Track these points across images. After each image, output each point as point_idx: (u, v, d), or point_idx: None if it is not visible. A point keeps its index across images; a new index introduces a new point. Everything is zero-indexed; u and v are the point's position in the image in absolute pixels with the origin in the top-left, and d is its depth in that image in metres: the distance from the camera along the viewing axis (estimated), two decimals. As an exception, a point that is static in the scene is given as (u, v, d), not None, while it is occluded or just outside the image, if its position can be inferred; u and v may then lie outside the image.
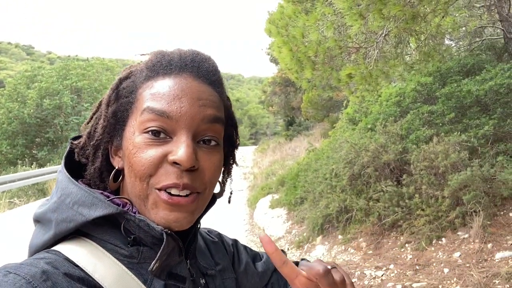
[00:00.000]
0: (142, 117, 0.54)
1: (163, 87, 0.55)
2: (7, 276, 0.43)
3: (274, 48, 4.28)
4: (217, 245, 0.75)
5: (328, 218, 4.74)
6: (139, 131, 0.54)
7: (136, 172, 0.53)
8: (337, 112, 13.58)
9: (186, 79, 0.56)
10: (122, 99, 0.58)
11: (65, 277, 0.46)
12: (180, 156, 0.51)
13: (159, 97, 0.54)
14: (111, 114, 0.58)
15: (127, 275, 0.52)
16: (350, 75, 3.61)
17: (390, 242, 3.95)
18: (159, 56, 0.58)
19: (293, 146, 14.48)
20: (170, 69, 0.56)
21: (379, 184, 4.44)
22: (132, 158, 0.53)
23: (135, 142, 0.54)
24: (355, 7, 3.00)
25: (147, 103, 0.54)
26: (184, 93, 0.55)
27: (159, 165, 0.53)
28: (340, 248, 4.31)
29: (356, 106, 7.86)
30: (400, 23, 3.27)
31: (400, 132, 4.98)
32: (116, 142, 0.58)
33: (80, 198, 0.52)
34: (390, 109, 5.84)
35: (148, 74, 0.57)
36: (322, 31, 3.49)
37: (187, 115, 0.54)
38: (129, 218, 0.52)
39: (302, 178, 6.26)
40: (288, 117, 21.12)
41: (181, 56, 0.58)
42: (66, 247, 0.52)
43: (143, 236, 0.53)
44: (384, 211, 4.10)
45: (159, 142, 0.53)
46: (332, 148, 6.10)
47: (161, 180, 0.52)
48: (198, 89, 0.56)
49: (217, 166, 0.57)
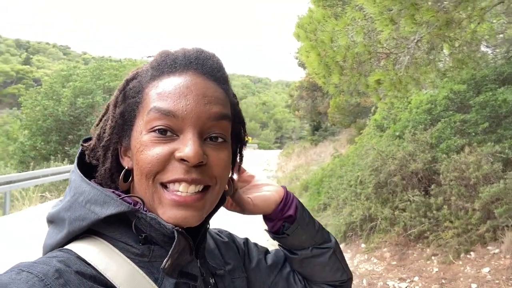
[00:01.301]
0: (149, 117, 0.54)
1: (169, 86, 0.55)
2: (20, 274, 0.44)
3: (302, 53, 4.26)
4: (227, 245, 0.75)
5: (351, 225, 4.66)
6: (146, 130, 0.54)
7: (142, 169, 0.53)
8: (365, 118, 13.35)
9: (191, 77, 0.56)
10: (129, 99, 0.58)
11: (77, 275, 0.47)
12: (187, 152, 0.52)
13: (165, 96, 0.55)
14: (118, 115, 0.58)
15: (138, 274, 0.52)
16: (379, 81, 3.54)
17: (415, 254, 3.83)
18: (164, 56, 0.59)
19: (318, 151, 14.34)
20: (175, 68, 0.57)
21: (405, 194, 4.32)
22: (139, 156, 0.54)
23: (142, 140, 0.54)
24: (386, 12, 2.94)
25: (153, 103, 0.55)
26: (189, 90, 0.55)
27: (166, 162, 0.53)
28: (363, 257, 4.22)
29: (385, 112, 7.69)
30: (433, 29, 3.18)
31: (430, 141, 4.83)
32: (125, 143, 0.59)
33: (93, 197, 0.53)
34: (420, 117, 5.68)
35: (154, 74, 0.58)
36: (352, 36, 3.44)
37: (193, 113, 0.54)
38: (140, 216, 0.53)
39: (326, 184, 6.19)
40: (314, 122, 20.94)
41: (185, 55, 0.58)
42: (78, 245, 0.52)
43: (154, 234, 0.54)
44: (410, 221, 3.98)
45: (166, 140, 0.54)
46: (358, 154, 6.00)
47: (168, 175, 0.53)
48: (203, 86, 0.56)
49: (225, 162, 0.57)
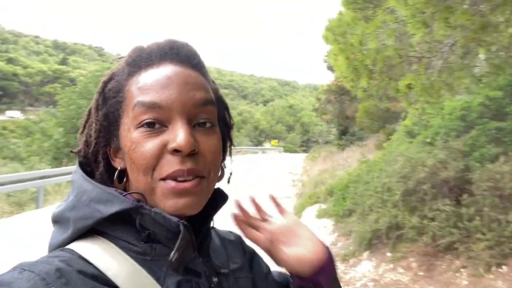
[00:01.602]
0: (134, 113, 0.54)
1: (149, 79, 0.55)
2: (22, 274, 0.45)
3: (331, 56, 4.21)
4: (235, 244, 0.75)
5: (377, 233, 4.54)
6: (134, 126, 0.54)
7: (139, 166, 0.53)
8: (394, 123, 13.03)
9: (169, 67, 0.56)
10: (110, 100, 0.58)
11: (79, 274, 0.47)
12: (179, 142, 0.51)
13: (147, 90, 0.54)
14: (102, 117, 0.58)
15: (140, 273, 0.52)
16: (409, 85, 3.44)
17: (444, 265, 3.69)
18: (138, 51, 0.58)
19: (344, 156, 14.11)
20: (151, 60, 0.57)
21: (435, 202, 4.17)
22: (132, 154, 0.54)
23: (132, 138, 0.54)
24: (419, 14, 2.86)
25: (136, 98, 0.54)
26: (170, 80, 0.55)
27: (160, 156, 0.53)
28: (388, 266, 4.11)
29: (415, 118, 7.47)
30: (468, 32, 3.06)
31: (463, 149, 4.65)
32: (114, 144, 0.59)
33: (96, 195, 0.53)
34: (453, 123, 5.48)
35: (131, 70, 0.57)
36: (382, 39, 3.37)
37: (178, 101, 0.54)
38: (144, 212, 0.52)
39: (352, 190, 6.07)
40: (342, 126, 20.65)
41: (159, 46, 0.58)
42: (80, 245, 0.52)
43: (158, 231, 0.53)
44: (439, 231, 3.84)
45: (156, 133, 0.53)
46: (386, 160, 5.85)
47: (164, 170, 0.53)
48: (183, 74, 0.56)
49: (216, 147, 0.57)
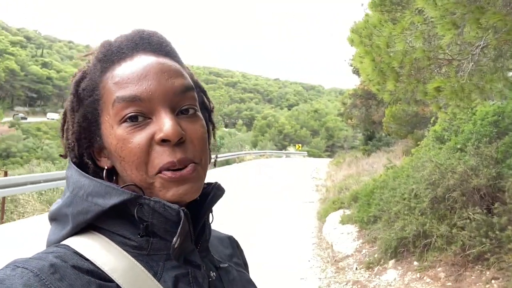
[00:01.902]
0: (115, 109, 0.53)
1: (124, 72, 0.54)
2: (15, 270, 0.44)
3: (356, 58, 4.14)
4: (232, 243, 0.75)
5: (403, 241, 4.41)
6: (117, 123, 0.53)
7: (131, 163, 0.52)
8: (423, 129, 12.66)
9: (142, 57, 0.55)
10: (86, 100, 0.56)
11: (74, 269, 0.46)
12: (166, 131, 0.51)
13: (125, 84, 0.53)
14: (81, 118, 0.56)
15: (137, 267, 0.51)
16: (438, 88, 3.33)
17: (473, 276, 3.53)
18: (107, 46, 0.57)
19: (370, 161, 13.84)
20: (123, 53, 0.55)
21: (465, 211, 4.01)
22: (121, 152, 0.53)
23: (117, 135, 0.53)
24: (448, 15, 2.76)
25: (115, 94, 0.53)
26: (147, 71, 0.53)
27: (149, 149, 0.52)
28: (415, 275, 3.98)
29: (446, 123, 7.24)
30: (501, 34, 2.93)
31: (495, 155, 4.46)
32: (97, 144, 0.57)
33: (93, 189, 0.52)
34: (485, 129, 5.27)
35: (103, 66, 0.56)
36: (410, 41, 3.28)
37: (158, 92, 0.53)
38: (143, 202, 0.52)
39: (378, 196, 5.93)
40: (368, 131, 20.26)
41: (128, 38, 0.57)
42: (75, 240, 0.52)
43: (156, 222, 0.52)
44: (469, 240, 3.69)
45: (140, 126, 0.52)
46: (414, 166, 5.69)
47: (155, 164, 0.52)
48: (158, 63, 0.55)
49: (203, 133, 0.56)
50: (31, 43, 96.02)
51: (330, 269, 4.81)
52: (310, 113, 52.37)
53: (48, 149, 38.33)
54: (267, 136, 44.43)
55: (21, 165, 24.32)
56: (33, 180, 7.77)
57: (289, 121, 49.15)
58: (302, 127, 47.66)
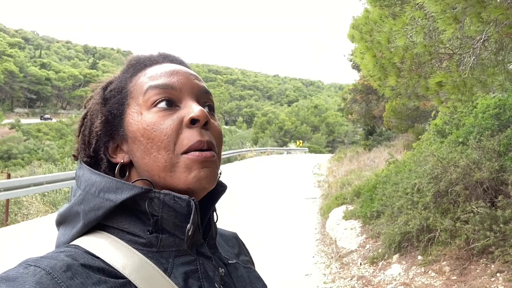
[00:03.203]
0: (147, 96, 0.58)
1: (157, 71, 0.60)
2: (28, 269, 0.45)
3: (357, 54, 4.13)
4: (238, 242, 0.77)
5: (407, 236, 4.42)
6: (147, 108, 0.57)
7: (160, 143, 0.55)
8: (424, 123, 12.66)
9: (171, 64, 0.63)
10: (112, 98, 0.61)
11: (85, 268, 0.47)
12: (196, 112, 0.56)
13: (158, 77, 0.59)
14: (107, 113, 0.60)
15: (147, 264, 0.52)
16: (440, 83, 3.32)
17: (478, 269, 3.55)
18: (136, 57, 0.65)
19: (371, 156, 13.84)
20: (153, 60, 0.63)
21: (468, 204, 4.02)
22: (151, 134, 0.56)
23: (147, 120, 0.56)
24: (449, 10, 2.76)
25: (148, 83, 0.59)
26: (176, 71, 0.61)
27: (179, 131, 0.56)
28: (419, 269, 3.99)
29: (447, 117, 7.24)
30: (502, 27, 2.93)
31: (498, 148, 4.46)
32: (119, 136, 0.59)
33: (105, 185, 0.54)
34: (487, 122, 5.27)
35: (135, 69, 0.62)
36: (411, 36, 3.27)
37: (188, 85, 0.60)
38: (153, 196, 0.53)
39: (380, 191, 5.94)
40: (368, 126, 20.25)
41: (155, 54, 0.65)
42: (85, 240, 0.53)
43: (166, 215, 0.54)
44: (473, 234, 3.69)
45: (171, 111, 0.57)
46: (416, 161, 5.69)
47: (184, 143, 0.55)
48: (185, 69, 0.62)
49: (220, 128, 0.62)
50: (29, 44, 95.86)
51: (335, 265, 4.83)
52: (310, 109, 52.28)
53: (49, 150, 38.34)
54: (268, 133, 44.42)
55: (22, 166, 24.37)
56: (36, 182, 7.78)
57: (289, 117, 49.11)
58: (303, 123, 47.62)
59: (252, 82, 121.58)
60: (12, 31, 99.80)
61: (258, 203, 8.77)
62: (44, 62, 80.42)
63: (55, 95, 79.58)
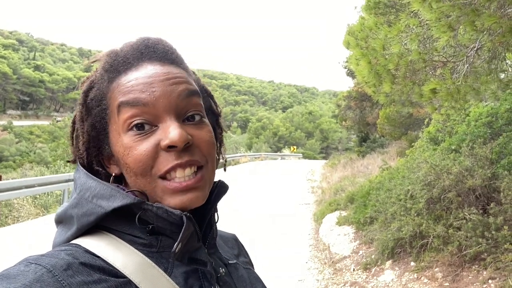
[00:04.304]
0: (121, 116, 0.54)
1: (129, 81, 0.54)
2: (29, 267, 0.45)
3: (352, 61, 4.17)
4: (237, 243, 0.77)
5: (400, 242, 4.43)
6: (123, 130, 0.54)
7: (136, 169, 0.53)
8: (417, 130, 12.76)
9: (148, 66, 0.56)
10: (94, 109, 0.57)
11: (85, 266, 0.47)
12: (172, 137, 0.51)
13: (129, 91, 0.54)
14: (89, 128, 0.57)
15: (148, 263, 0.52)
16: (434, 90, 3.36)
17: (470, 276, 3.56)
18: (113, 55, 0.57)
19: (365, 163, 13.91)
20: (128, 63, 0.56)
21: (461, 211, 4.05)
22: (127, 159, 0.53)
23: (124, 143, 0.54)
24: (444, 18, 2.80)
25: (119, 99, 0.54)
26: (152, 78, 0.54)
27: (155, 155, 0.52)
28: (412, 275, 4.00)
29: (440, 125, 7.31)
30: (495, 36, 2.98)
31: (490, 156, 4.50)
32: (105, 152, 0.58)
33: (99, 191, 0.53)
34: (479, 130, 5.32)
35: (110, 76, 0.56)
36: (405, 43, 3.31)
37: (162, 97, 0.53)
38: (146, 208, 0.52)
39: (373, 197, 5.96)
40: (362, 133, 20.37)
41: (134, 47, 0.57)
42: (86, 240, 0.53)
43: (161, 225, 0.53)
44: (465, 241, 3.71)
45: (147, 134, 0.53)
46: (409, 168, 5.73)
47: (161, 167, 0.52)
48: (163, 71, 0.55)
49: (210, 138, 0.57)
50: (24, 46, 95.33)
51: (328, 271, 4.82)
52: (305, 115, 52.46)
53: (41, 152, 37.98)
54: (262, 138, 44.46)
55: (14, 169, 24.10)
56: (27, 184, 7.70)
57: (284, 123, 49.23)
58: (297, 129, 47.74)
59: (247, 88, 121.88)
60: (6, 32, 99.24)
61: (251, 208, 8.74)
62: (38, 64, 79.96)
63: (48, 98, 79.11)
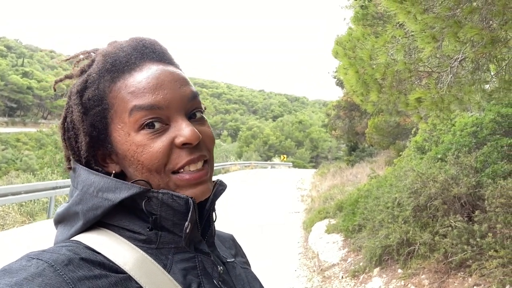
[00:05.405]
0: (133, 117, 0.55)
1: (138, 82, 0.55)
2: (30, 261, 0.46)
3: (340, 70, 4.24)
4: (235, 243, 0.79)
5: (387, 249, 4.47)
6: (135, 130, 0.55)
7: (151, 166, 0.54)
8: (404, 140, 12.94)
9: (152, 67, 0.57)
10: (93, 109, 0.57)
11: (86, 262, 0.48)
12: (188, 136, 0.54)
13: (141, 93, 0.55)
14: (89, 127, 0.57)
15: (147, 260, 0.53)
16: (419, 99, 3.44)
17: (456, 283, 3.61)
18: (113, 56, 0.58)
19: (354, 172, 14.01)
20: (132, 63, 0.57)
21: (447, 219, 4.11)
22: (141, 156, 0.54)
23: (136, 141, 0.55)
24: (428, 29, 2.88)
25: (132, 102, 0.55)
26: (160, 80, 0.56)
27: (169, 152, 0.55)
28: (399, 282, 4.03)
29: (426, 134, 7.44)
30: (478, 47, 3.07)
31: (475, 165, 4.60)
32: (103, 151, 0.59)
33: (104, 185, 0.54)
34: (465, 140, 5.43)
35: (113, 76, 0.57)
36: (392, 53, 3.39)
37: (174, 99, 0.56)
38: (151, 195, 0.54)
39: (362, 205, 6.01)
40: (351, 142, 20.55)
41: (133, 47, 0.59)
42: (86, 236, 0.54)
43: (164, 214, 0.55)
44: (451, 248, 3.77)
45: (160, 132, 0.55)
46: (396, 176, 5.80)
47: (176, 163, 0.55)
48: (169, 72, 0.58)
49: (212, 133, 0.62)
50: (12, 53, 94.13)
51: (317, 278, 4.83)
52: (295, 124, 52.68)
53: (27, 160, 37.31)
54: (252, 147, 44.45)
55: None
56: (13, 191, 7.57)
57: (274, 132, 49.35)
58: (287, 138, 47.87)
59: (238, 96, 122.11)
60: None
61: (241, 217, 8.72)
62: (26, 71, 79.00)
63: (36, 104, 78.05)
